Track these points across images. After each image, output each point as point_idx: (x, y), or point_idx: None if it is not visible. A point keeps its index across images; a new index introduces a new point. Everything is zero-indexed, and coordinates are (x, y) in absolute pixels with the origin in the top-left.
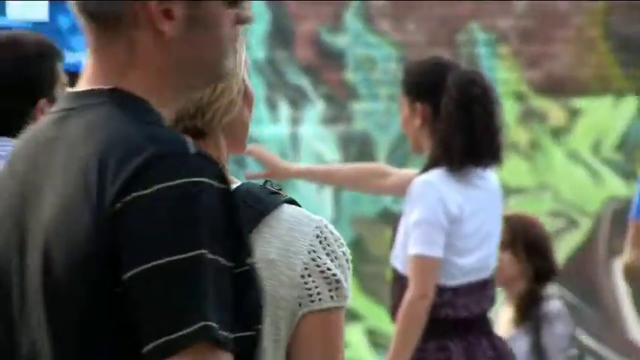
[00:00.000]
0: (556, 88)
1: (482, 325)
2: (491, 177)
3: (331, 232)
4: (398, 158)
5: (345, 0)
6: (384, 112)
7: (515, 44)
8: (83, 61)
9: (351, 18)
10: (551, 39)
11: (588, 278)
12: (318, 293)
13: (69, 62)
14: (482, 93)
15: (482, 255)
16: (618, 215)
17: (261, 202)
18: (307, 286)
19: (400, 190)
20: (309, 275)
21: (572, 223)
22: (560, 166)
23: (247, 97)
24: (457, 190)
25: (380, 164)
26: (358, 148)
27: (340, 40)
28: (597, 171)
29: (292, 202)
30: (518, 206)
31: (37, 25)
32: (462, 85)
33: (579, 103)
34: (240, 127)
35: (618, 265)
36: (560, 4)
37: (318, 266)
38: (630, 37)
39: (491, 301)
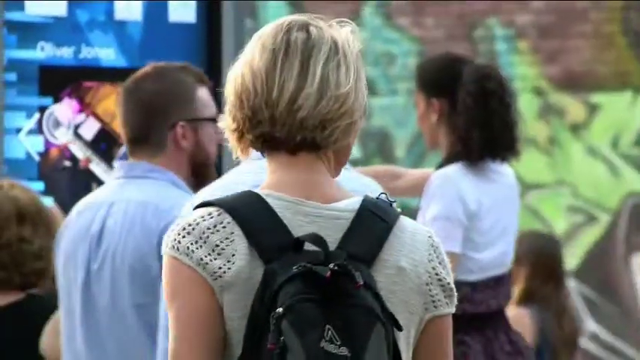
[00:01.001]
0: (574, 83)
1: (499, 321)
2: (508, 172)
3: (437, 240)
4: (416, 153)
5: None
6: (403, 107)
7: (534, 40)
8: (101, 56)
9: (369, 13)
10: (569, 34)
11: (607, 273)
12: (439, 300)
13: (87, 57)
14: (498, 86)
15: (499, 250)
16: (637, 210)
17: (387, 214)
18: (430, 293)
19: (414, 191)
20: (431, 283)
21: (591, 219)
22: (579, 161)
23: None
24: (475, 185)
25: (391, 166)
26: (377, 143)
27: None
28: (616, 166)
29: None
30: (537, 202)
31: (56, 21)
32: (479, 79)
33: (598, 98)
34: (344, 153)
35: (637, 261)
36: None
37: (437, 274)
38: None
39: (508, 296)
